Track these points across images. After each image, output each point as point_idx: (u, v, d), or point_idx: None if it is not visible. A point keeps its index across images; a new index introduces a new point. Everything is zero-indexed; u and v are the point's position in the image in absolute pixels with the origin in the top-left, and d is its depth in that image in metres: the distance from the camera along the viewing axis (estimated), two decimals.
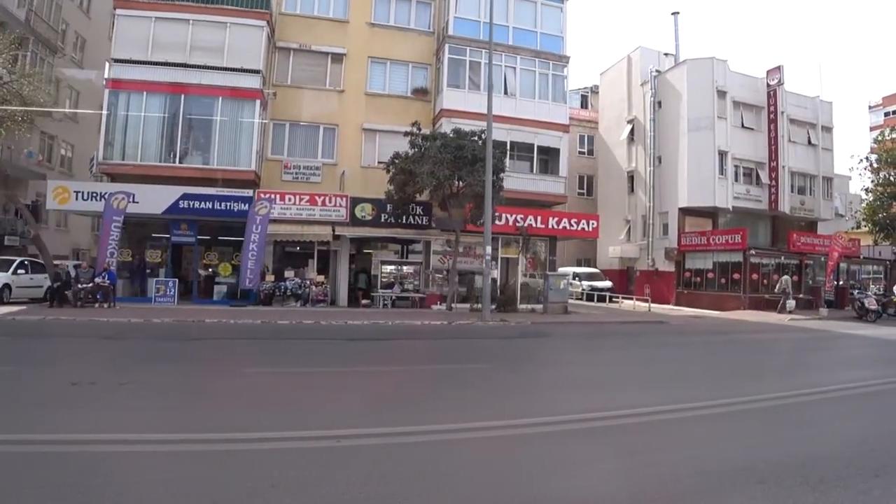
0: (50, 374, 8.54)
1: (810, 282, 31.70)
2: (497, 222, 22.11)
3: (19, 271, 20.79)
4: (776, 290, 27.93)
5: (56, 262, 21.04)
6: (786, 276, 28.60)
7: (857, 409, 7.93)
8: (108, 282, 19.27)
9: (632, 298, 31.25)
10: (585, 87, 45.01)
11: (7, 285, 19.98)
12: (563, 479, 4.74)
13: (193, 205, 21.29)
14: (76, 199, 20.99)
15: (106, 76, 22.11)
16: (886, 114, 56.32)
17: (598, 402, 7.67)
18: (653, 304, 29.09)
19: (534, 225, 24.47)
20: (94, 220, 26.36)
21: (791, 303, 26.85)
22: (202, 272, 22.72)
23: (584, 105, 44.17)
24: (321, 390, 8.22)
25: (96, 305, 18.67)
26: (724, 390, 8.68)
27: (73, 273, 19.97)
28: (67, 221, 31.44)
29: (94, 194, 20.88)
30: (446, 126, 22.98)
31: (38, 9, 26.93)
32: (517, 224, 23.69)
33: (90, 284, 19.05)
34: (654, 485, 4.62)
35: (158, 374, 8.83)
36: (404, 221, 23.33)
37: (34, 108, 21.26)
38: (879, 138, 37.82)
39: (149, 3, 21.94)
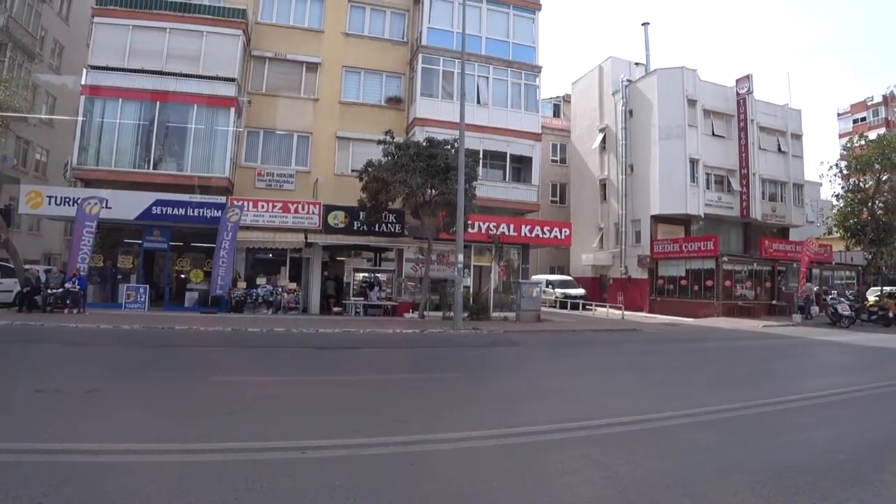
0: (14, 380, 8.47)
1: (783, 288, 32.16)
2: (470, 230, 22.33)
3: None
4: (802, 298, 28.35)
5: (27, 266, 20.92)
6: (809, 284, 29.06)
7: (832, 418, 7.94)
8: (78, 287, 19.19)
9: (605, 306, 31.38)
10: (558, 96, 45.42)
11: None
12: (542, 489, 4.77)
13: (166, 211, 21.31)
14: (49, 203, 20.93)
15: (82, 82, 22.02)
16: (855, 121, 57.26)
17: (571, 412, 7.68)
18: (626, 312, 29.27)
19: (506, 233, 24.61)
20: (66, 225, 26.19)
21: (815, 308, 27.23)
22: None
23: (556, 114, 44.57)
24: (289, 399, 8.13)
25: (66, 311, 18.56)
26: (698, 399, 8.75)
27: (43, 278, 19.85)
28: (40, 226, 31.27)
29: (68, 199, 20.83)
30: (419, 134, 23.19)
31: (18, 15, 26.77)
32: (490, 232, 23.84)
33: (60, 290, 18.97)
34: (634, 496, 4.66)
35: (126, 382, 8.75)
36: (377, 229, 23.49)
37: (10, 114, 21.23)
38: (848, 145, 38.44)
39: (126, 11, 22.01)
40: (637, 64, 37.60)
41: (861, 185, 34.62)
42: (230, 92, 22.44)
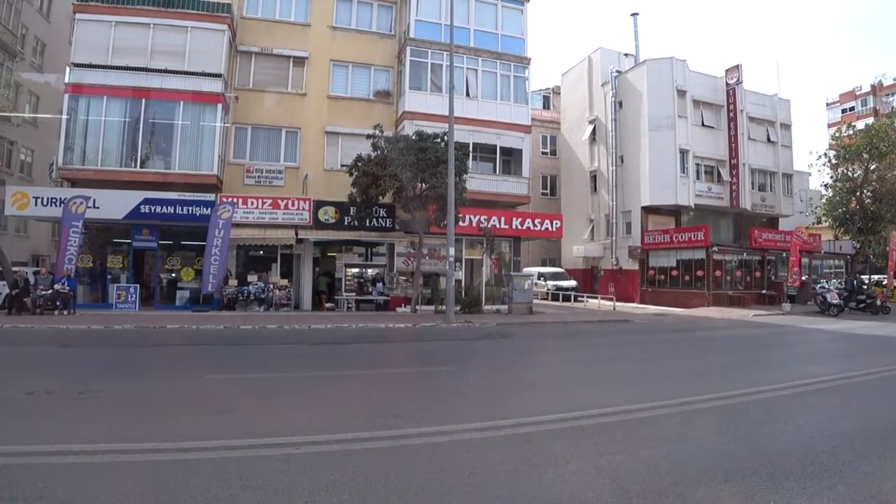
0: (4, 383, 8.36)
1: (772, 277, 32.32)
2: (461, 224, 22.33)
3: None
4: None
5: (15, 268, 20.70)
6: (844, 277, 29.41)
7: (820, 405, 7.97)
8: (67, 288, 19.06)
9: (596, 297, 31.59)
10: (547, 88, 45.40)
11: None
12: (535, 480, 4.76)
13: (155, 209, 21.18)
14: (35, 204, 20.73)
15: (66, 80, 21.74)
16: (843, 110, 57.60)
17: (564, 403, 7.64)
18: (617, 303, 29.45)
19: (497, 226, 24.62)
20: (54, 226, 26.03)
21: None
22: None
23: (546, 106, 44.58)
24: (282, 396, 8.10)
25: (56, 312, 18.47)
26: (689, 388, 8.76)
27: (32, 279, 19.68)
28: (27, 227, 30.94)
29: (54, 200, 20.63)
30: (409, 128, 23.13)
31: None
32: (481, 225, 23.78)
33: (49, 291, 18.82)
34: (627, 485, 4.66)
35: (118, 382, 8.65)
36: (368, 224, 23.45)
37: None
38: (837, 135, 38.69)
39: (109, 7, 21.72)
40: (626, 55, 37.62)
41: (849, 174, 34.86)
42: (216, 88, 22.26)
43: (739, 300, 29.44)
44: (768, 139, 35.11)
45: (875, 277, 36.71)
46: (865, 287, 29.79)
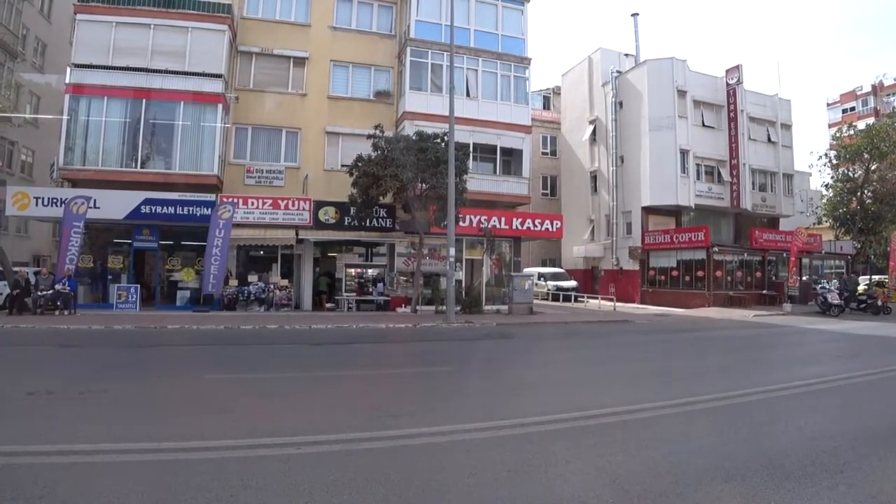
0: (5, 383, 8.35)
1: (773, 277, 32.28)
2: (461, 224, 22.32)
3: None
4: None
5: (16, 268, 20.73)
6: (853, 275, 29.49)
7: (821, 405, 7.96)
8: (68, 288, 19.08)
9: (597, 298, 31.57)
10: (547, 89, 45.38)
11: None
12: (536, 480, 4.77)
13: (155, 210, 21.17)
14: (36, 204, 20.72)
15: (66, 81, 21.75)
16: (844, 110, 57.57)
17: (565, 403, 7.64)
18: (618, 303, 29.40)
19: (498, 226, 24.62)
20: (54, 226, 26.02)
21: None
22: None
23: (546, 106, 44.57)
24: (283, 396, 8.10)
25: (56, 313, 18.47)
26: (690, 389, 8.76)
27: (32, 280, 19.69)
28: (28, 227, 31.00)
29: (55, 200, 20.61)
30: (409, 128, 23.13)
31: None
32: (481, 225, 23.78)
33: (50, 291, 18.83)
34: (627, 486, 4.66)
35: (118, 382, 8.64)
36: (368, 224, 23.43)
37: None
38: (837, 135, 38.71)
39: (109, 7, 21.74)
40: (627, 55, 37.62)
41: (850, 174, 34.91)
42: (217, 88, 22.26)
43: (740, 300, 29.40)
44: (769, 139, 35.06)
45: (876, 278, 36.68)
46: (867, 287, 29.79)
